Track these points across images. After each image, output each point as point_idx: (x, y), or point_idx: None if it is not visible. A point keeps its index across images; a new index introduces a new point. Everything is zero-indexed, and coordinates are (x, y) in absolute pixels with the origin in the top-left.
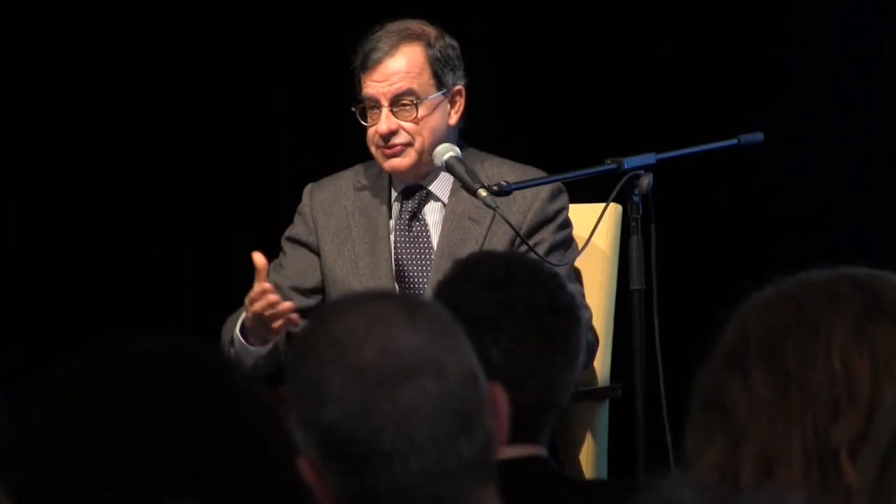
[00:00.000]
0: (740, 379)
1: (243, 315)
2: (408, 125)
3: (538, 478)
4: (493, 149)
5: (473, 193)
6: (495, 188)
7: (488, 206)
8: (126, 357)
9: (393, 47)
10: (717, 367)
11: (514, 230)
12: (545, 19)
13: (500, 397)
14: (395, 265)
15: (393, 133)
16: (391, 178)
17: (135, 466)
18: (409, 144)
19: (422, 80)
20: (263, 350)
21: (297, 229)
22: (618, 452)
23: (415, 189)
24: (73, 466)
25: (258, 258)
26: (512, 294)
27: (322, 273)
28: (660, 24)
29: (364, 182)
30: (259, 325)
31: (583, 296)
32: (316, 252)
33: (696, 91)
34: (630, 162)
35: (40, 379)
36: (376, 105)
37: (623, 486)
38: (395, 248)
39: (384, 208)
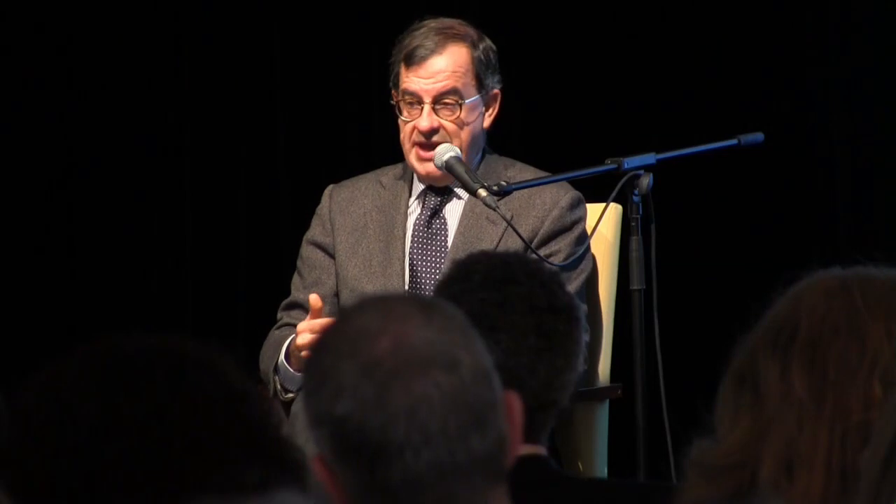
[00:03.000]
0: (779, 367)
1: (289, 340)
2: (449, 125)
3: (538, 477)
4: (492, 149)
5: (473, 193)
6: (495, 188)
7: (488, 205)
8: (123, 355)
9: (440, 45)
10: (759, 345)
11: (524, 241)
12: (545, 19)
13: (514, 404)
14: (409, 263)
15: (434, 131)
16: (413, 178)
17: (138, 464)
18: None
19: (465, 81)
20: None
21: (314, 231)
22: (618, 452)
23: (439, 187)
24: (75, 466)
25: (315, 300)
26: (512, 293)
27: (335, 273)
28: (660, 25)
29: (385, 182)
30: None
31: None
32: (332, 254)
33: (696, 91)
34: (630, 162)
35: (35, 380)
36: (418, 101)
37: (623, 485)
38: (410, 246)
39: (402, 208)
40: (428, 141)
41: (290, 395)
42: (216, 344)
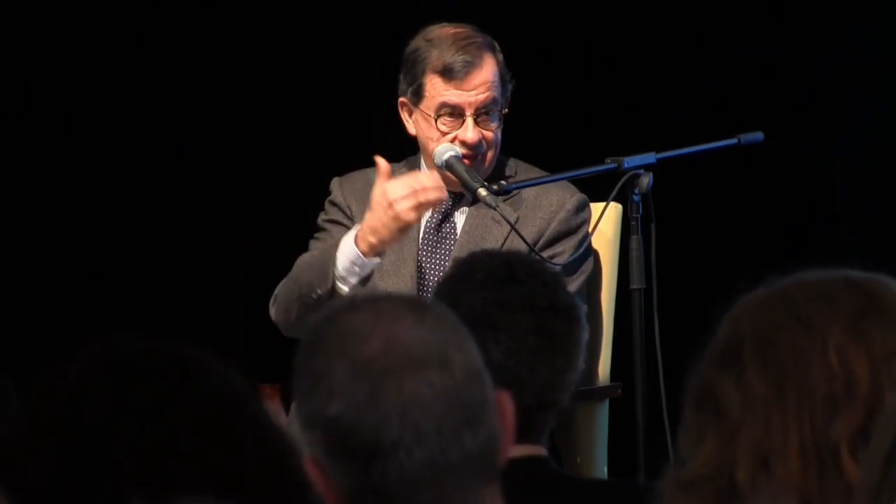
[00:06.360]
0: (734, 377)
1: (355, 231)
2: (488, 134)
3: (539, 477)
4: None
5: (473, 192)
6: (495, 187)
7: (488, 204)
8: (128, 355)
9: (478, 57)
10: (709, 367)
11: (526, 242)
12: (545, 19)
13: (506, 404)
14: (418, 264)
15: (479, 143)
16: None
17: (144, 461)
18: (484, 155)
19: (500, 90)
20: (377, 261)
21: (333, 215)
22: (618, 452)
23: (449, 191)
24: (83, 464)
25: (382, 162)
26: (513, 293)
27: None
28: (660, 24)
29: None
30: (388, 231)
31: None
32: None
33: (696, 91)
34: (630, 161)
35: (40, 380)
36: (458, 114)
37: (623, 485)
38: (420, 248)
39: None
40: (475, 153)
41: (345, 288)
42: (215, 345)
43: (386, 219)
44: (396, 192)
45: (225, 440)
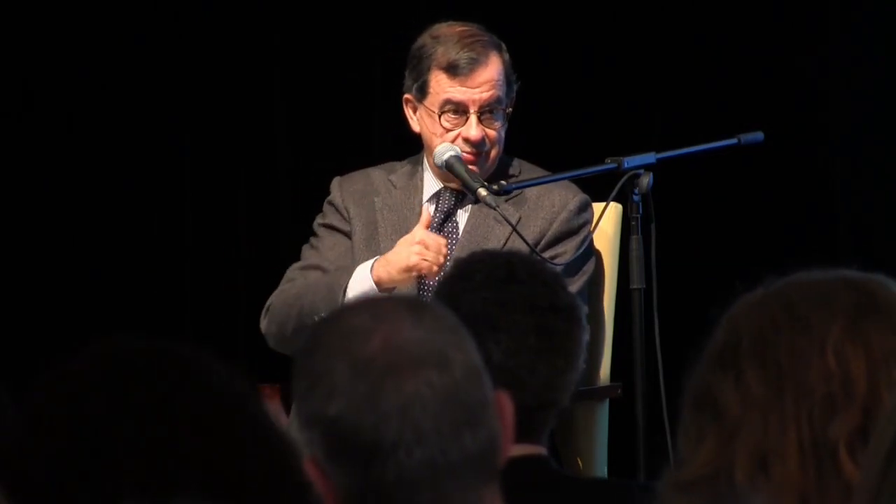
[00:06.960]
0: (732, 379)
1: (371, 262)
2: (492, 133)
3: (539, 476)
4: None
5: (473, 192)
6: (495, 187)
7: (488, 204)
8: (128, 355)
9: (483, 54)
10: (707, 368)
11: (527, 243)
12: (546, 19)
13: (505, 404)
14: None
15: (483, 140)
16: (424, 179)
17: (145, 460)
18: (488, 153)
19: (505, 89)
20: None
21: (330, 218)
22: (618, 452)
23: (457, 189)
24: (84, 463)
25: (426, 212)
26: (513, 293)
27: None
28: (660, 24)
29: (395, 181)
30: (403, 274)
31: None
32: (349, 238)
33: (696, 91)
34: (630, 161)
35: (41, 380)
36: (462, 111)
37: (623, 485)
38: None
39: (416, 209)
40: (478, 150)
41: None
42: (215, 345)
43: (406, 252)
44: (428, 238)
45: (225, 440)
